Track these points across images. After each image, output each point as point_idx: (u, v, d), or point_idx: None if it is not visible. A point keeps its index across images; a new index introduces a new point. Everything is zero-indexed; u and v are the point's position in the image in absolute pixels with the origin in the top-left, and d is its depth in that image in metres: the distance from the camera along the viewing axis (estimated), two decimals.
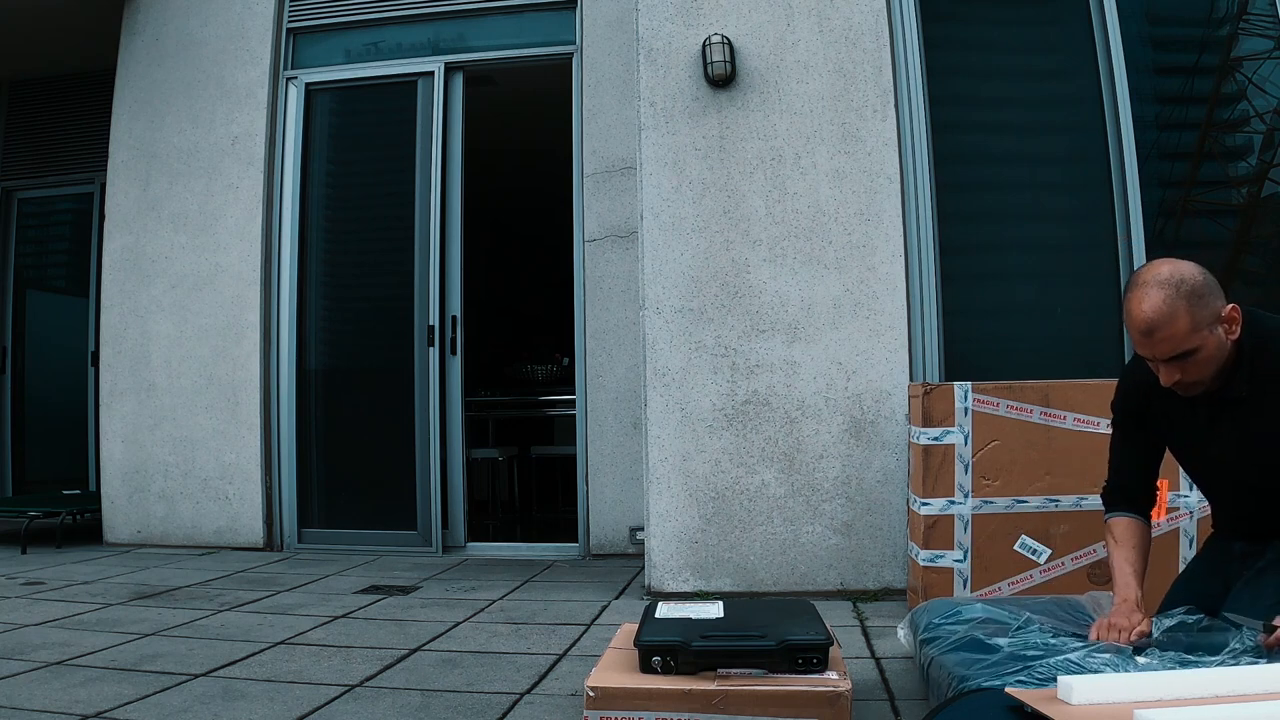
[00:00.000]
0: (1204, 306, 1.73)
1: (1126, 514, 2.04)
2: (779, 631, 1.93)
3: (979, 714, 1.52)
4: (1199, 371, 1.77)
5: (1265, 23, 3.85)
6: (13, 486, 6.32)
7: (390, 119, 5.01)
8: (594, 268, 4.64)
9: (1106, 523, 2.08)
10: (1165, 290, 1.71)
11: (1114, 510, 2.07)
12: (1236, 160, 3.99)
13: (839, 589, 3.53)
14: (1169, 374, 1.78)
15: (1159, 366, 1.80)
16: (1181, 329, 1.71)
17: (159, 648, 2.85)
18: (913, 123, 3.73)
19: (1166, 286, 1.72)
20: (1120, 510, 2.05)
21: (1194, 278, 1.73)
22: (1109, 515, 2.08)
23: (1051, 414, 3.10)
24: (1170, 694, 1.43)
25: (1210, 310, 1.74)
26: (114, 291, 5.08)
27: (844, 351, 3.60)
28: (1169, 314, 1.71)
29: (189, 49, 5.10)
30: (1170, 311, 1.71)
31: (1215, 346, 1.75)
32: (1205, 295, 1.73)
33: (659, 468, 3.64)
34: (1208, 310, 1.73)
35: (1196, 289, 1.72)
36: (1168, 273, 1.73)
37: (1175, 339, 1.72)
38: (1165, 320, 1.71)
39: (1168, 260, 1.77)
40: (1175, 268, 1.74)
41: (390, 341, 4.88)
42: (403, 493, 4.76)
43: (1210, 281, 1.75)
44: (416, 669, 2.63)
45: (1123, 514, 2.04)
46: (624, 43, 4.59)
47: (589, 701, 1.85)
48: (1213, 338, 1.74)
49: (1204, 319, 1.72)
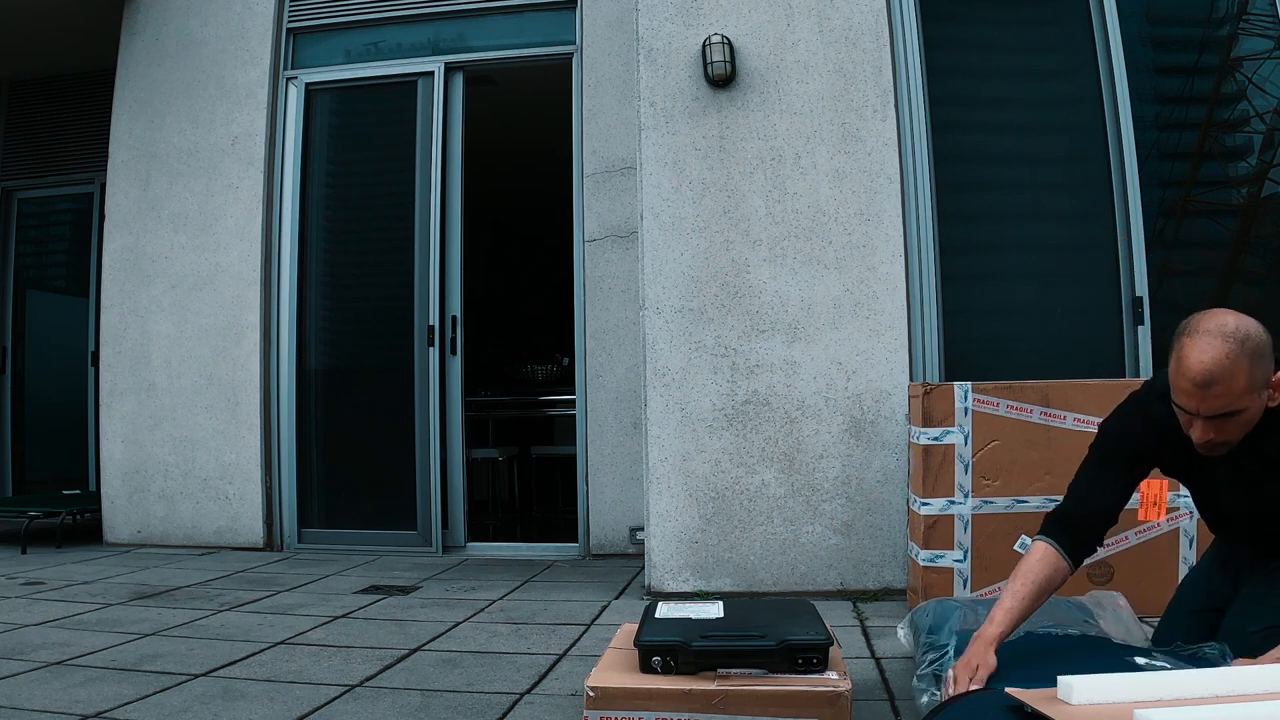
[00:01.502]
0: (1262, 368, 1.63)
1: (1053, 543, 1.87)
2: (779, 631, 1.93)
3: (979, 714, 1.52)
4: (1234, 433, 1.69)
5: (1265, 23, 3.85)
6: (13, 486, 6.32)
7: (390, 119, 5.01)
8: (594, 268, 4.64)
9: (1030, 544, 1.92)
10: (1230, 345, 1.60)
11: (1043, 534, 1.89)
12: (1236, 160, 3.99)
13: (839, 589, 3.53)
14: (1204, 431, 1.68)
15: (1194, 422, 1.69)
16: (1239, 387, 1.62)
17: (159, 648, 2.85)
18: (913, 123, 3.73)
19: (1232, 341, 1.61)
20: (1050, 537, 1.88)
21: (1259, 336, 1.63)
22: (1036, 538, 1.90)
23: (1051, 414, 3.10)
24: (1170, 694, 1.43)
25: (1265, 372, 1.64)
26: (114, 291, 5.08)
27: (844, 351, 3.60)
28: (1230, 370, 1.61)
29: (189, 49, 5.11)
30: (1232, 368, 1.60)
31: (1257, 410, 1.67)
32: (1266, 356, 1.64)
33: (659, 468, 3.64)
34: (1263, 371, 1.64)
35: (1260, 349, 1.62)
36: (1234, 326, 1.62)
37: (1229, 396, 1.62)
38: (1225, 375, 1.61)
39: (1231, 311, 1.66)
40: (1241, 322, 1.63)
41: (390, 341, 4.88)
42: (403, 493, 4.76)
43: (1269, 342, 1.65)
44: (416, 669, 2.63)
45: (1049, 541, 1.87)
46: (624, 43, 4.59)
47: (589, 701, 1.85)
48: (1259, 401, 1.66)
49: (1259, 380, 1.64)
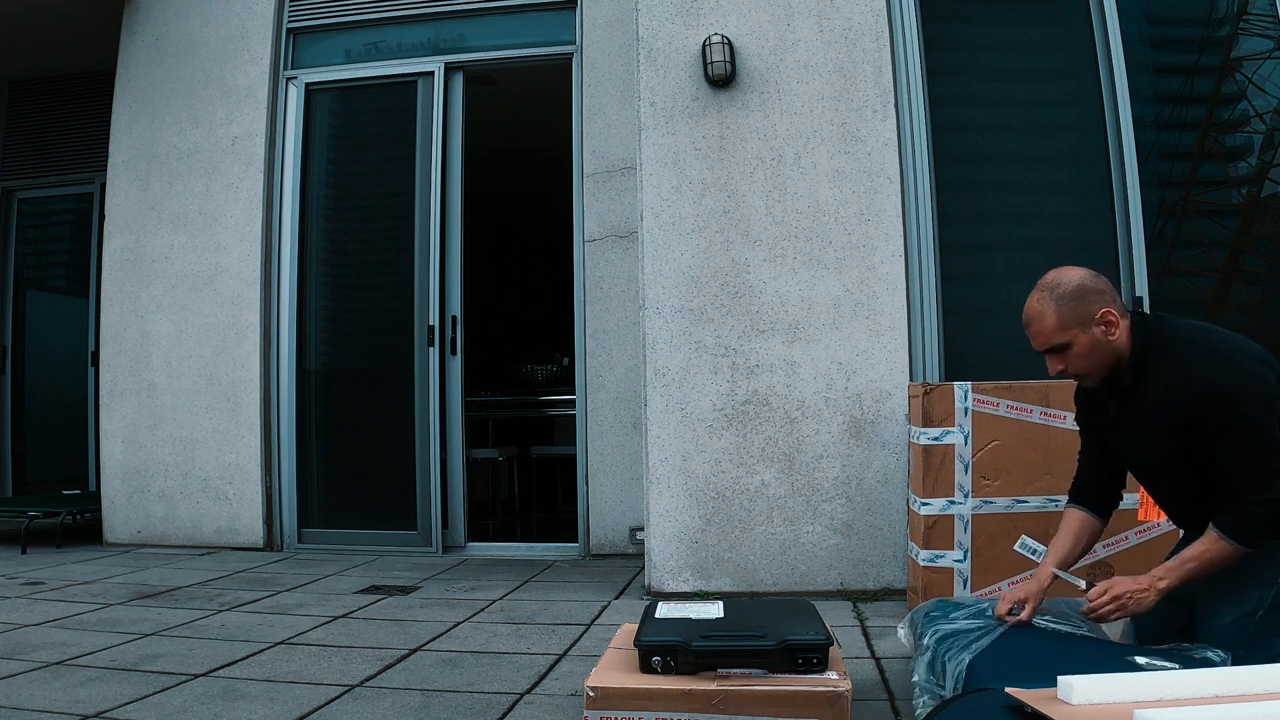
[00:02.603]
0: (1073, 308, 1.94)
1: (1078, 506, 2.19)
2: (779, 631, 1.93)
3: (979, 714, 1.52)
4: (1077, 365, 1.99)
5: (1265, 23, 3.86)
6: (13, 486, 6.32)
7: (390, 119, 5.01)
8: (594, 268, 4.64)
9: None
10: (1042, 292, 1.98)
11: (1070, 502, 2.23)
12: (1236, 160, 4.00)
13: (839, 589, 3.53)
14: (1051, 365, 2.02)
15: (1046, 359, 2.03)
16: (1049, 324, 1.95)
17: (159, 648, 2.85)
18: (913, 123, 3.73)
19: (1044, 289, 1.98)
20: (1074, 502, 2.22)
21: (1070, 282, 1.96)
22: (1065, 505, 2.24)
23: (1051, 414, 3.10)
24: (1170, 694, 1.43)
25: (1081, 311, 1.94)
26: (114, 291, 5.08)
27: (844, 351, 3.60)
28: (1039, 312, 1.97)
29: (189, 49, 5.11)
30: (1041, 310, 1.96)
31: (1089, 343, 1.95)
32: (1079, 299, 1.94)
33: (659, 468, 3.64)
34: (1076, 311, 1.94)
35: (1070, 292, 1.95)
36: (1051, 278, 1.99)
37: (1045, 333, 1.97)
38: (1036, 317, 1.98)
39: (1067, 268, 2.00)
40: (1061, 273, 1.99)
41: (390, 341, 4.88)
42: (403, 493, 4.76)
43: (1091, 287, 1.95)
44: (416, 669, 2.63)
45: (1075, 506, 2.20)
46: (624, 43, 4.59)
47: (589, 701, 1.85)
48: (1085, 336, 1.95)
49: (1072, 319, 1.94)
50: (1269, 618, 1.81)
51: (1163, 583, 1.85)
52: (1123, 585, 1.88)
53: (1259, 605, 1.83)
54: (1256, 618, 1.82)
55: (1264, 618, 1.81)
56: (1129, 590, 1.87)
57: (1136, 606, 1.87)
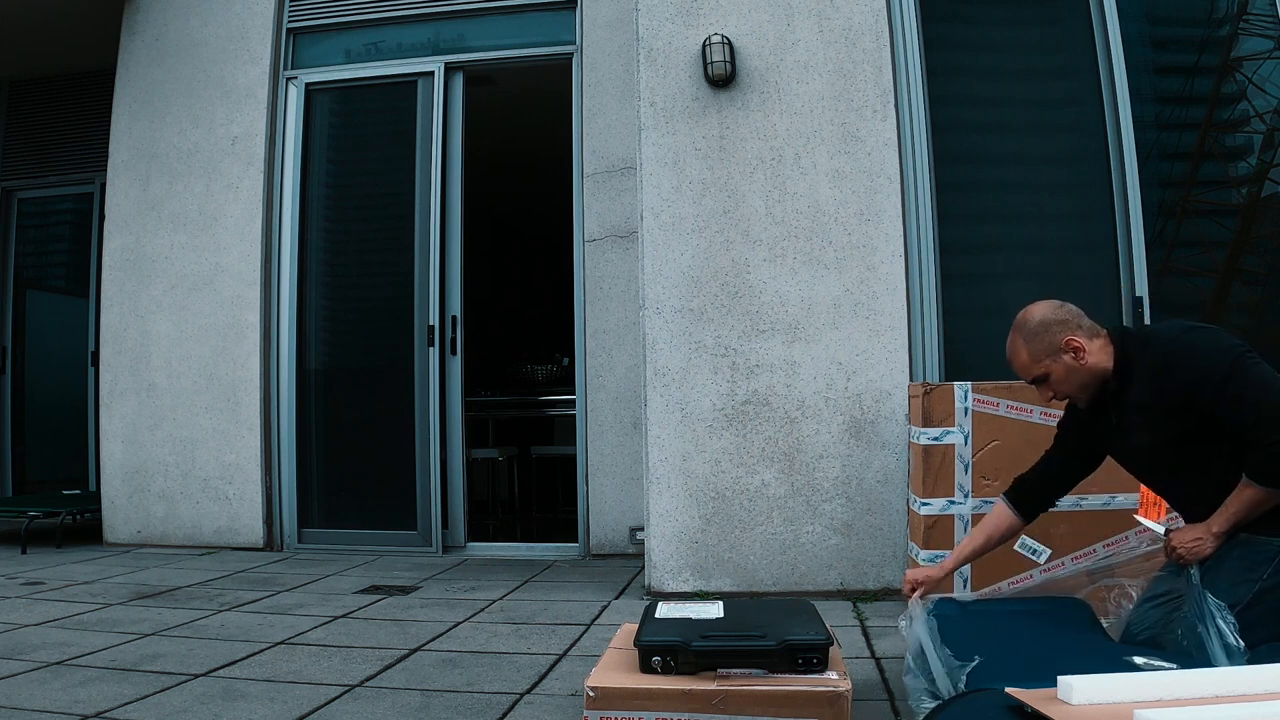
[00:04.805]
0: (1040, 341, 2.06)
1: (1008, 504, 2.31)
2: (779, 631, 1.93)
3: (979, 714, 1.52)
4: (1062, 390, 2.11)
5: (1265, 23, 3.85)
6: (13, 486, 6.32)
7: (390, 119, 5.01)
8: (594, 268, 4.64)
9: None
10: (1013, 331, 2.11)
11: (1004, 496, 2.34)
12: (1236, 160, 4.00)
13: (839, 589, 3.53)
14: (1041, 394, 2.15)
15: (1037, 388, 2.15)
16: (1023, 360, 2.09)
17: (159, 648, 2.85)
18: (913, 123, 3.73)
19: (1015, 328, 2.11)
20: (1007, 498, 2.32)
21: (1034, 319, 2.08)
22: (999, 498, 2.35)
23: (1052, 414, 3.09)
24: (1170, 694, 1.43)
25: (1047, 343, 2.06)
26: (114, 291, 5.08)
27: (844, 351, 3.60)
28: (1013, 349, 2.11)
29: (189, 49, 5.10)
30: (1014, 347, 2.11)
31: (1064, 370, 2.06)
32: (1042, 332, 2.06)
33: (659, 468, 3.64)
34: (1044, 343, 2.06)
35: (1034, 328, 2.07)
36: (1020, 316, 2.12)
37: (1023, 368, 2.11)
38: (1011, 355, 2.12)
39: (1038, 303, 2.11)
40: (1026, 311, 2.11)
41: (390, 341, 4.88)
42: (403, 493, 4.76)
43: (1052, 319, 2.06)
44: (416, 669, 2.63)
45: (1005, 502, 2.32)
46: (624, 43, 4.59)
47: (589, 701, 1.85)
48: (1058, 364, 2.06)
49: (1041, 351, 2.06)
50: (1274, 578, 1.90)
51: (1215, 528, 1.96)
52: (1182, 535, 2.02)
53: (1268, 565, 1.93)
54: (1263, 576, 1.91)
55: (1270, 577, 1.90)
56: (1190, 539, 1.99)
57: (1196, 553, 1.97)
